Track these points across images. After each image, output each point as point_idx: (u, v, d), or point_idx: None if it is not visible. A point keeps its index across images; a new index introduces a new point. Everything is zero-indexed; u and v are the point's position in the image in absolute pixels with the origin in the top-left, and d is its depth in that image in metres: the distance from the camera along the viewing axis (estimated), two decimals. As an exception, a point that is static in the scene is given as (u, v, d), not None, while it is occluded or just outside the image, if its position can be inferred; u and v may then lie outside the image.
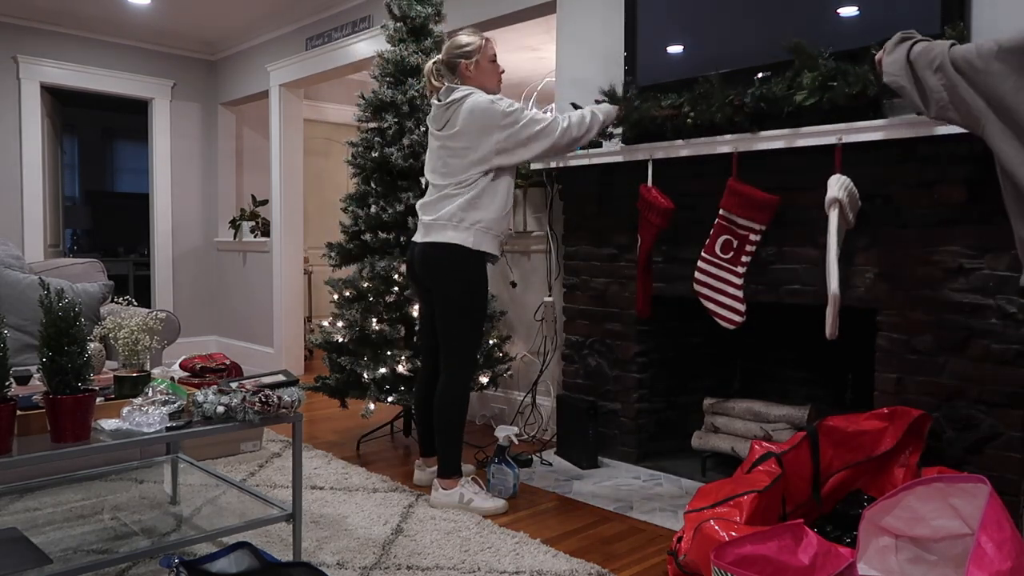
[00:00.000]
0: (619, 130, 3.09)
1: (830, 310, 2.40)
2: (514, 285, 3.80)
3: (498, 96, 2.74)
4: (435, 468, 2.97)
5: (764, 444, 2.34)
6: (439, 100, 2.79)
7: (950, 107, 1.82)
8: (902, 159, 2.42)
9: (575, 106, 3.20)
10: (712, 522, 1.99)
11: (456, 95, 2.72)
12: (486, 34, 2.86)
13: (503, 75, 2.86)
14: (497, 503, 2.76)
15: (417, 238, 2.82)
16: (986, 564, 1.56)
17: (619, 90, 3.08)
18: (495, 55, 2.83)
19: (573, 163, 3.24)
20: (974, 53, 1.76)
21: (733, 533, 1.91)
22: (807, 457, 2.30)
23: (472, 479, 2.84)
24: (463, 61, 2.76)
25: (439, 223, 2.72)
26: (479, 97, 2.70)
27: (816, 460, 2.30)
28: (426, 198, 2.83)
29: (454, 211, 2.69)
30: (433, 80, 2.83)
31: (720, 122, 2.69)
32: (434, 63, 2.83)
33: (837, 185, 2.40)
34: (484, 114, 2.67)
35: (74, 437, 1.78)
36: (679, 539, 2.09)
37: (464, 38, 2.79)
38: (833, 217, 2.40)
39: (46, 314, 1.76)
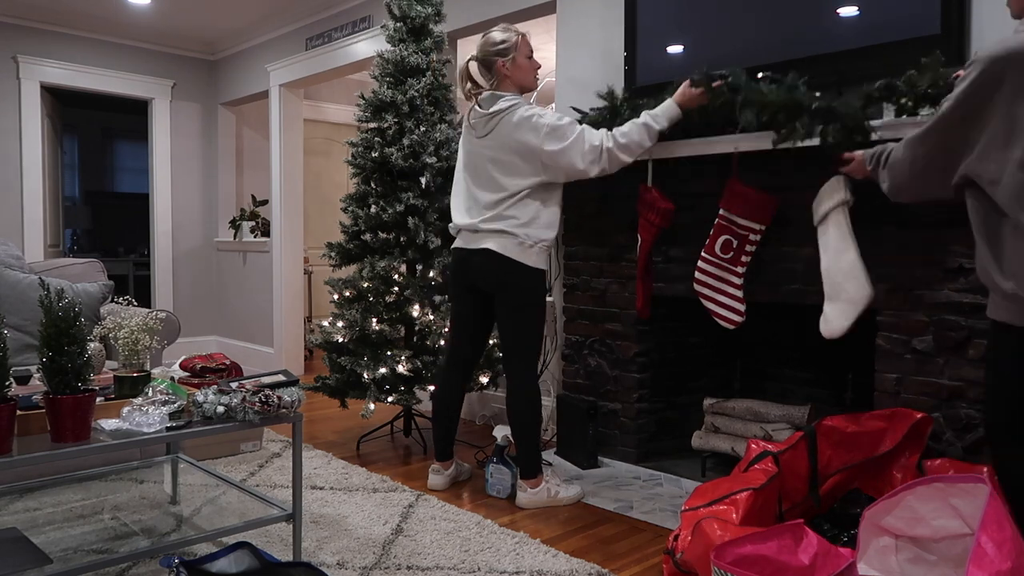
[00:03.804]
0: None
1: (858, 312, 2.38)
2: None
3: (543, 110, 2.66)
4: (452, 472, 2.99)
5: (761, 443, 2.35)
6: (480, 107, 2.74)
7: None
8: (902, 159, 2.41)
9: (578, 112, 3.17)
10: (708, 520, 1.99)
11: (500, 105, 2.68)
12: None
13: (539, 70, 2.80)
14: (577, 489, 2.83)
15: (469, 244, 2.76)
16: (986, 564, 1.56)
17: (618, 91, 3.07)
18: (532, 51, 2.78)
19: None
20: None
21: (729, 531, 1.91)
22: (804, 457, 2.30)
23: (552, 470, 2.88)
24: (499, 59, 2.70)
25: (496, 234, 2.69)
26: (525, 111, 2.65)
27: (814, 460, 2.30)
28: (468, 203, 2.79)
29: (512, 228, 2.67)
30: (471, 80, 2.76)
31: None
32: (469, 61, 2.76)
33: (836, 187, 2.40)
34: (531, 129, 2.62)
35: (74, 437, 1.78)
36: (675, 537, 2.09)
37: (499, 35, 2.73)
38: (843, 219, 2.40)
39: (46, 314, 1.77)
